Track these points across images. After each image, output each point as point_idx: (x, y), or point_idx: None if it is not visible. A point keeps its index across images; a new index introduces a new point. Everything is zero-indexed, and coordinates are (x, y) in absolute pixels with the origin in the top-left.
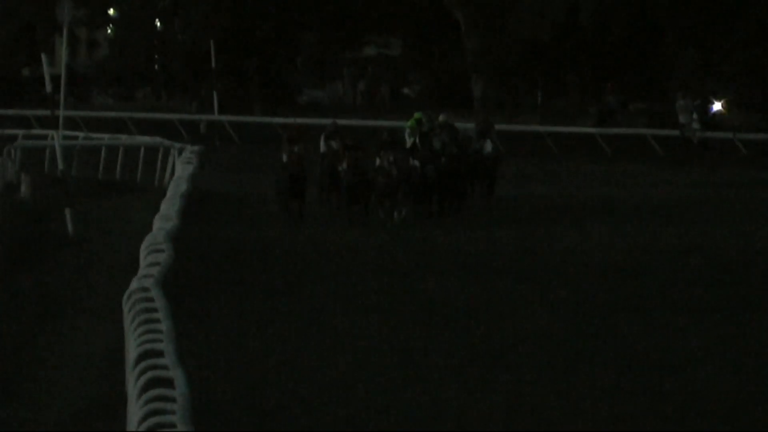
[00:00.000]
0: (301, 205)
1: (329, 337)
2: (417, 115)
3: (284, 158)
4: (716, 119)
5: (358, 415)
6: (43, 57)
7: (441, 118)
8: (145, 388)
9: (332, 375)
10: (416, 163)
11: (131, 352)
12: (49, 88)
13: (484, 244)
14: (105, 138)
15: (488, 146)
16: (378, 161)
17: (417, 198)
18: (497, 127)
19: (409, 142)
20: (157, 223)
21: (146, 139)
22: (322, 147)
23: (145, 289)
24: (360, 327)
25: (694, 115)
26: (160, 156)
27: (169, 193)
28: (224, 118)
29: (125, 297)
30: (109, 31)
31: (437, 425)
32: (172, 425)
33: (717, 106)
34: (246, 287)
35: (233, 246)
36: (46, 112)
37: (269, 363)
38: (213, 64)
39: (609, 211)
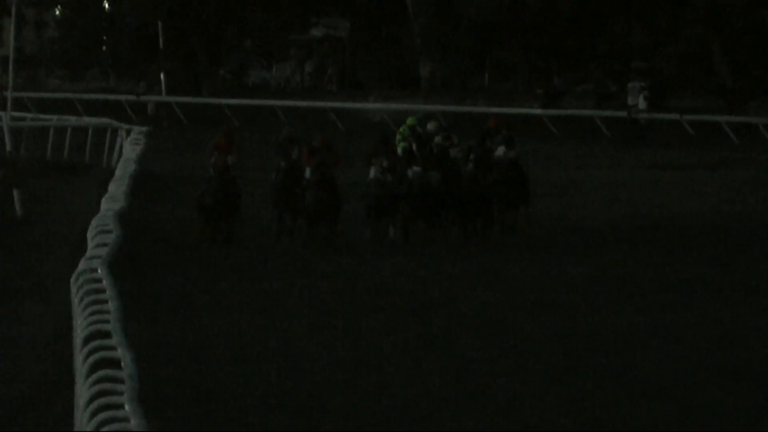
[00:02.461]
0: (230, 227)
1: (274, 316)
2: (411, 120)
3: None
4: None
5: (304, 388)
6: None
7: (430, 126)
8: (93, 368)
9: (278, 350)
10: (417, 169)
11: (79, 332)
12: None
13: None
14: (53, 119)
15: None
16: (372, 172)
17: (420, 212)
18: (445, 108)
19: (399, 149)
20: (105, 203)
21: (94, 120)
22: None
23: (92, 270)
24: (307, 304)
25: (641, 97)
26: (108, 137)
27: (117, 174)
28: (171, 99)
29: (73, 278)
30: (57, 11)
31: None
32: (120, 406)
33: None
34: (193, 267)
35: (181, 226)
36: None
37: (216, 342)
38: (161, 45)
39: (554, 191)
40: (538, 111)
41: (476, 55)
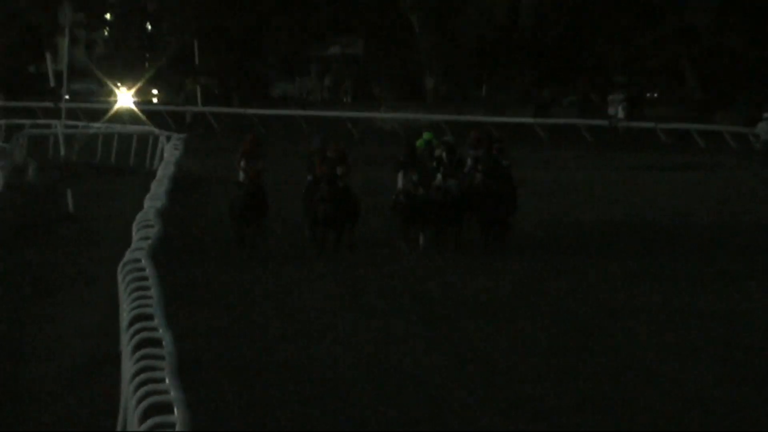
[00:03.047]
0: (259, 231)
1: (296, 302)
2: (427, 135)
3: (241, 176)
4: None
5: (323, 361)
6: (47, 56)
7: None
8: (137, 347)
9: (300, 331)
10: (442, 180)
11: (125, 315)
12: (52, 83)
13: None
14: (102, 127)
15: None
16: (399, 182)
17: (448, 221)
18: (447, 117)
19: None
20: (148, 201)
21: (138, 128)
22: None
23: (137, 260)
24: (323, 292)
25: (620, 108)
26: (150, 143)
27: (158, 176)
28: (206, 109)
29: (120, 267)
30: (105, 32)
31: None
32: (161, 380)
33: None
34: (227, 258)
35: (215, 221)
36: (50, 104)
37: (246, 324)
38: (196, 62)
39: (544, 190)
40: (530, 120)
41: (475, 71)
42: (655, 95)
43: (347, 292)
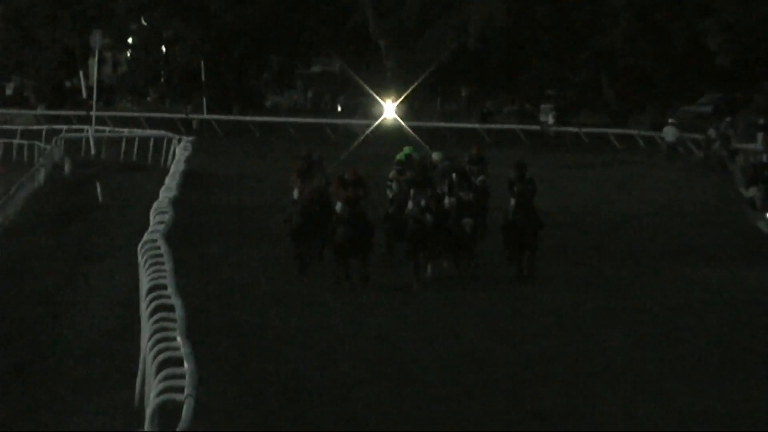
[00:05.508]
0: (365, 266)
1: (295, 273)
2: (407, 149)
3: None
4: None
5: (318, 327)
6: (81, 73)
7: (435, 156)
8: (154, 311)
9: (300, 298)
10: (453, 200)
11: (143, 286)
12: (84, 95)
13: None
14: (125, 131)
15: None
16: (410, 204)
17: (456, 249)
18: (409, 123)
19: (393, 177)
20: (163, 192)
21: (154, 132)
22: (293, 182)
23: (153, 240)
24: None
25: (551, 116)
26: (164, 145)
27: (171, 171)
28: (211, 116)
29: (139, 246)
30: (128, 53)
31: None
32: (173, 339)
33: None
34: (229, 239)
35: (219, 209)
36: (83, 113)
37: (247, 292)
38: (203, 78)
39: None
40: (476, 125)
41: (431, 86)
42: (579, 105)
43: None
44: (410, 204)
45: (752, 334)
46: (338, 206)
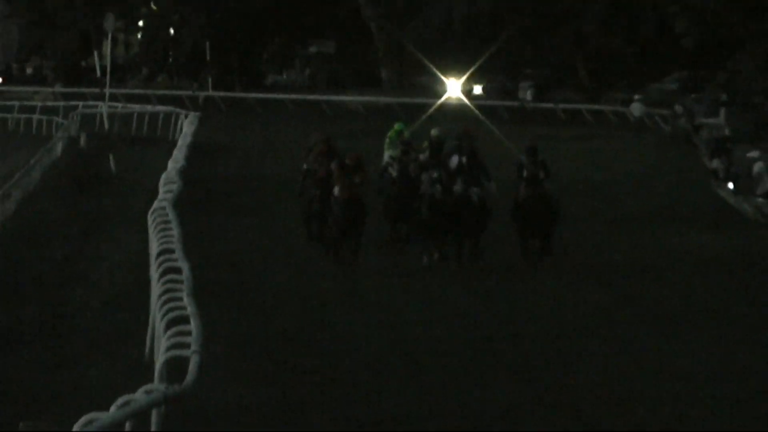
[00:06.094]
0: (357, 247)
1: (290, 238)
2: (398, 125)
3: (336, 191)
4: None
5: (312, 287)
6: (95, 54)
7: (434, 132)
8: (162, 273)
9: (293, 264)
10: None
11: (153, 249)
12: (99, 74)
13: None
14: (136, 107)
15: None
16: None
17: (466, 232)
18: (398, 100)
19: (386, 156)
20: (171, 164)
21: (163, 108)
22: (306, 164)
23: (162, 208)
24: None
25: (529, 92)
26: (172, 120)
27: (178, 144)
28: (215, 93)
29: (150, 213)
30: (139, 35)
31: None
32: (180, 298)
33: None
34: (233, 206)
35: (223, 179)
36: (97, 90)
37: (248, 256)
38: (208, 58)
39: None
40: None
41: (418, 65)
42: (556, 83)
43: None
44: (424, 182)
45: (718, 292)
46: (336, 189)
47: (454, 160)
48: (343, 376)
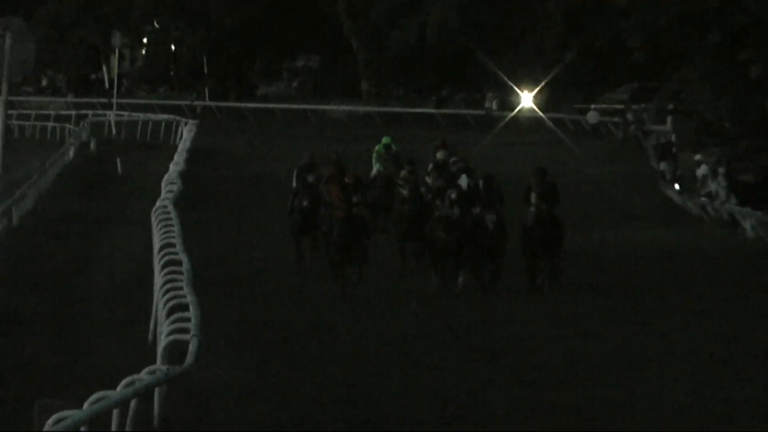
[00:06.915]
0: (362, 264)
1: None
2: (386, 139)
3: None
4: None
5: (303, 281)
6: (104, 67)
7: (439, 155)
8: (164, 266)
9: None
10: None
11: (156, 244)
12: (107, 85)
13: None
14: (141, 116)
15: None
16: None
17: (486, 257)
18: (376, 109)
19: (375, 169)
20: (172, 166)
21: (165, 116)
22: (294, 183)
23: (164, 207)
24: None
25: (494, 102)
26: (173, 127)
27: (179, 149)
28: (212, 103)
29: (152, 211)
30: (143, 51)
31: None
32: (180, 288)
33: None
34: (229, 206)
35: (220, 180)
36: (105, 100)
37: (245, 251)
38: (205, 71)
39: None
40: (432, 110)
41: (395, 77)
42: (518, 93)
43: None
44: (438, 206)
45: (671, 282)
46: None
47: (463, 181)
48: (333, 362)
